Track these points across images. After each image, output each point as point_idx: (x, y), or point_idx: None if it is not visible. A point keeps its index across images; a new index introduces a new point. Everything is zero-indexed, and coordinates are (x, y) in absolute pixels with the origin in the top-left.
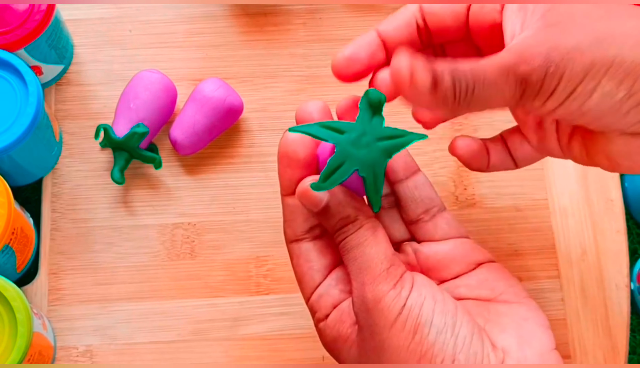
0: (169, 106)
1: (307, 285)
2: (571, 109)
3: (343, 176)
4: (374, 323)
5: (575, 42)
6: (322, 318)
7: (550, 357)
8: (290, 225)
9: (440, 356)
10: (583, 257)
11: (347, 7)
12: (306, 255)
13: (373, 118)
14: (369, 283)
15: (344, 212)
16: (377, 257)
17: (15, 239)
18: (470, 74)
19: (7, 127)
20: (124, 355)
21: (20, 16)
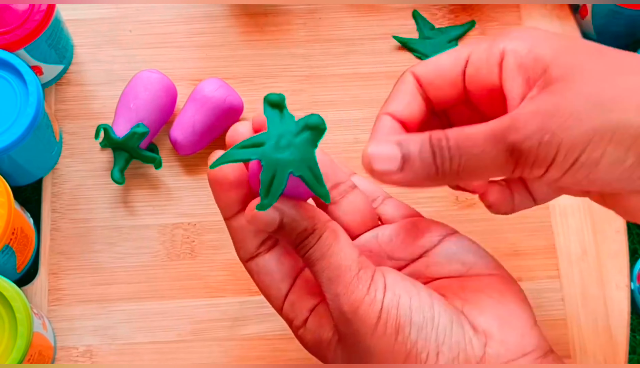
0: (168, 106)
1: (274, 297)
2: (578, 178)
3: (281, 185)
4: (356, 332)
5: (573, 109)
6: (300, 324)
7: (532, 336)
8: (242, 246)
9: (425, 351)
10: (583, 257)
11: (347, 7)
12: (265, 269)
13: (282, 119)
14: (342, 294)
15: (299, 227)
16: (345, 263)
17: (15, 239)
18: (455, 143)
19: (7, 127)
20: (124, 355)
21: (20, 16)
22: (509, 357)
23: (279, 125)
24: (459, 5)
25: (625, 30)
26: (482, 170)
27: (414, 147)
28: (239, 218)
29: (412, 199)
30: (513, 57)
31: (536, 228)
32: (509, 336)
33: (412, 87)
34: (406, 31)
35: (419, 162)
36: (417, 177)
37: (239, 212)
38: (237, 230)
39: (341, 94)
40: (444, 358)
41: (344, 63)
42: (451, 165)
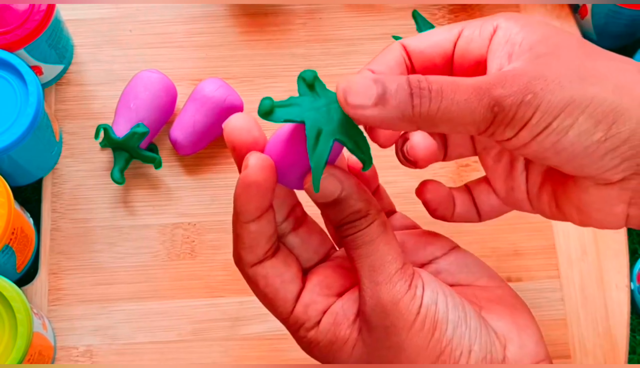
0: (169, 106)
1: (284, 300)
2: (545, 145)
3: (325, 151)
4: (392, 325)
5: (557, 75)
6: (312, 326)
7: (543, 345)
8: (252, 251)
9: (459, 350)
10: (583, 257)
11: (347, 7)
12: (274, 271)
13: (314, 92)
14: (384, 283)
15: (355, 206)
16: (391, 255)
17: (15, 239)
18: (438, 86)
19: (7, 127)
20: (124, 355)
21: (20, 16)
22: (526, 361)
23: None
24: (458, 5)
25: (625, 30)
26: (458, 120)
27: (390, 84)
28: (259, 223)
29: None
30: (503, 33)
31: (536, 228)
32: (527, 342)
33: (397, 54)
34: (406, 31)
35: (395, 99)
36: (391, 115)
37: (259, 217)
38: (254, 234)
39: None
40: (475, 356)
41: (344, 63)
42: (430, 107)
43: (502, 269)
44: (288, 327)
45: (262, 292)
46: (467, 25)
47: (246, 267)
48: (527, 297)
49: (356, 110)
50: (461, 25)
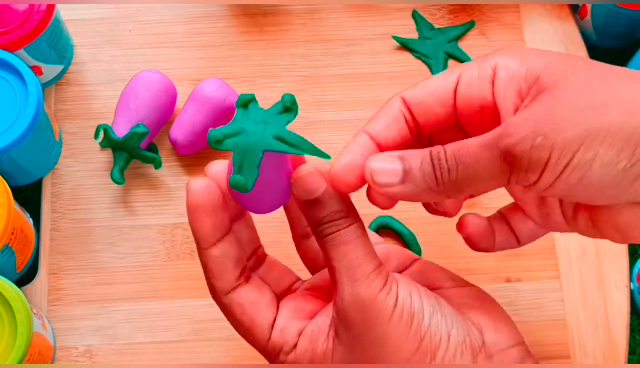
0: (168, 106)
1: (260, 327)
2: (571, 183)
3: (255, 159)
4: (372, 318)
5: (565, 112)
6: (290, 349)
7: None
8: (222, 278)
9: (437, 335)
10: (583, 257)
11: (347, 7)
12: (249, 299)
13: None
14: (362, 280)
15: (337, 206)
16: (369, 255)
17: (15, 239)
18: (452, 154)
19: (7, 127)
20: (124, 355)
21: (20, 16)
22: (504, 345)
23: (246, 115)
24: (458, 5)
25: (625, 30)
26: (478, 179)
27: (415, 161)
28: (220, 246)
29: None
30: (505, 71)
31: None
32: (501, 327)
33: (396, 110)
34: (406, 31)
35: (420, 174)
36: (418, 189)
37: (218, 240)
38: (219, 259)
39: (341, 94)
40: (454, 340)
41: (344, 63)
42: (449, 176)
43: (501, 269)
44: (267, 354)
45: (238, 321)
46: (464, 70)
47: (221, 296)
48: (526, 298)
49: (384, 188)
50: (458, 71)
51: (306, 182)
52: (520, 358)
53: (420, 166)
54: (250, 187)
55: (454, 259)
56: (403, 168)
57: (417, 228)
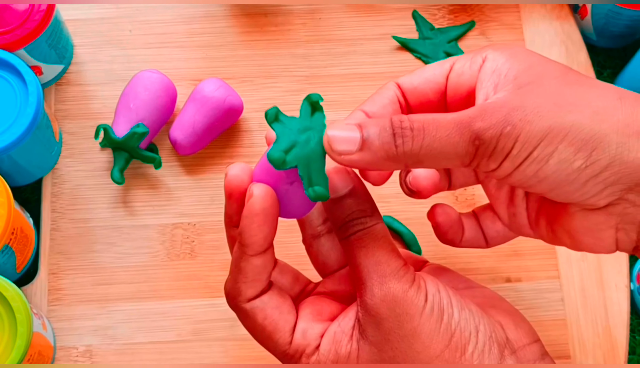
0: (168, 106)
1: (283, 331)
2: (528, 174)
3: (320, 168)
4: (404, 312)
5: (536, 106)
6: (312, 351)
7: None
8: (254, 285)
9: (467, 330)
10: (583, 257)
11: (347, 7)
12: (272, 304)
13: (314, 114)
14: (392, 275)
15: (363, 204)
16: (394, 253)
17: (15, 239)
18: (420, 125)
19: (7, 127)
20: (123, 355)
21: (20, 16)
22: (525, 341)
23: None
24: (458, 6)
25: (625, 30)
26: (441, 155)
27: (373, 129)
28: (264, 257)
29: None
30: (490, 64)
31: None
32: (520, 324)
33: (391, 93)
34: (406, 31)
35: (378, 141)
36: (376, 158)
37: (266, 249)
38: (256, 268)
39: (341, 94)
40: (482, 336)
41: (344, 63)
42: (412, 146)
43: (501, 269)
44: (289, 357)
45: (260, 326)
46: (458, 60)
47: (242, 301)
48: (526, 298)
49: (342, 157)
50: (452, 60)
51: (334, 180)
52: (540, 354)
53: (378, 134)
54: (329, 194)
55: (454, 259)
56: (361, 136)
57: (417, 228)
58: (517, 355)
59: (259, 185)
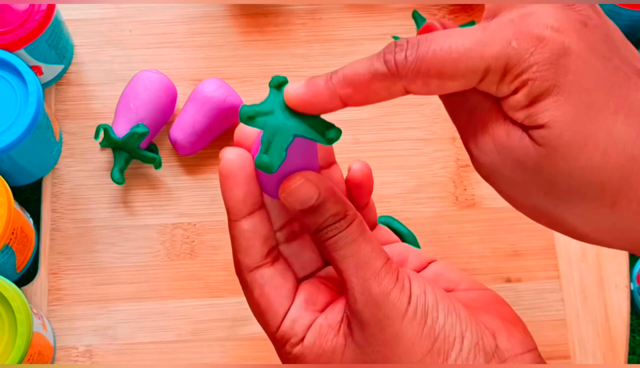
0: (168, 106)
1: (275, 313)
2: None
3: (284, 141)
4: (385, 316)
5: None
6: (297, 342)
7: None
8: (249, 253)
9: (451, 336)
10: (583, 258)
11: (347, 7)
12: (272, 282)
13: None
14: (372, 278)
15: (334, 209)
16: (374, 252)
17: (15, 239)
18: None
19: (7, 127)
20: (123, 355)
21: (20, 16)
22: (517, 350)
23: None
24: (458, 5)
25: (625, 30)
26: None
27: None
28: (250, 221)
29: (412, 199)
30: None
31: (536, 228)
32: (514, 333)
33: None
34: (406, 31)
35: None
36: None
37: (249, 214)
38: (248, 233)
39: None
40: (467, 343)
41: (344, 63)
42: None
43: (501, 270)
44: (275, 342)
45: (255, 301)
46: None
47: (244, 271)
48: (526, 298)
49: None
50: None
51: (297, 194)
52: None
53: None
54: (275, 168)
55: (454, 259)
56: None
57: (417, 228)
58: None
59: (230, 149)
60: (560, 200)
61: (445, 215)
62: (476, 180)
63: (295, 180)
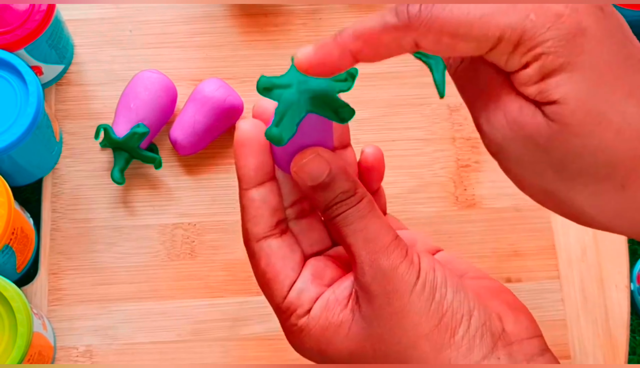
0: (169, 106)
1: (281, 284)
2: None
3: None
4: (394, 289)
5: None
6: (303, 313)
7: (536, 323)
8: (257, 222)
9: (459, 313)
10: (583, 258)
11: (348, 7)
12: (279, 253)
13: None
14: (381, 251)
15: (344, 185)
16: (383, 228)
17: (15, 239)
18: None
19: (7, 127)
20: (124, 355)
21: (20, 16)
22: (524, 335)
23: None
24: None
25: None
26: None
27: None
28: (260, 190)
29: (413, 199)
30: None
31: (536, 228)
32: (521, 319)
33: None
34: None
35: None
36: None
37: (260, 183)
38: (257, 202)
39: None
40: (475, 322)
41: None
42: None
43: (502, 269)
44: (280, 313)
45: (262, 270)
46: None
47: (252, 241)
48: (527, 298)
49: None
50: None
51: (309, 168)
52: (540, 350)
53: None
54: (284, 141)
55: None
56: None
57: (417, 228)
58: (511, 348)
59: (245, 119)
60: (570, 181)
61: (445, 215)
62: (476, 180)
63: (306, 155)
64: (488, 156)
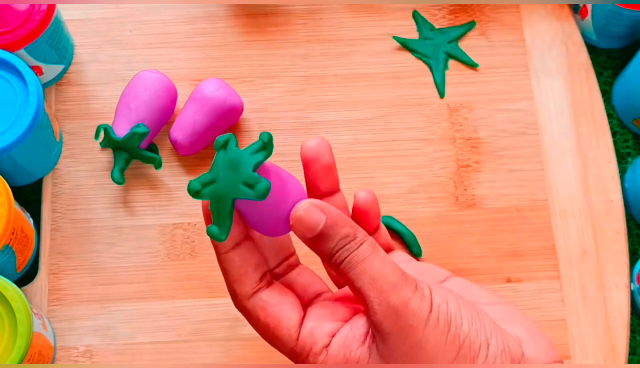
0: (169, 106)
1: (287, 328)
2: None
3: (225, 209)
4: (407, 325)
5: None
6: (320, 351)
7: (555, 349)
8: (243, 281)
9: (477, 342)
10: (583, 258)
11: (347, 7)
12: (273, 300)
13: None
14: (389, 290)
15: (343, 231)
16: (389, 266)
17: (15, 239)
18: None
19: (7, 127)
20: (124, 355)
21: (20, 16)
22: (543, 359)
23: (223, 158)
24: (459, 6)
25: (625, 30)
26: None
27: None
28: (238, 251)
29: (413, 199)
30: None
31: (536, 229)
32: (540, 343)
33: None
34: (406, 32)
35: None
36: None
37: (236, 245)
38: (238, 263)
39: (341, 95)
40: (493, 349)
41: (344, 63)
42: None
43: (502, 270)
44: (295, 356)
45: (263, 324)
46: None
47: (243, 300)
48: (527, 298)
49: None
50: None
51: (305, 221)
52: None
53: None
54: (224, 237)
55: (454, 259)
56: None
57: (417, 228)
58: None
59: None
60: None
61: (445, 215)
62: (476, 180)
63: (300, 207)
64: (488, 156)
